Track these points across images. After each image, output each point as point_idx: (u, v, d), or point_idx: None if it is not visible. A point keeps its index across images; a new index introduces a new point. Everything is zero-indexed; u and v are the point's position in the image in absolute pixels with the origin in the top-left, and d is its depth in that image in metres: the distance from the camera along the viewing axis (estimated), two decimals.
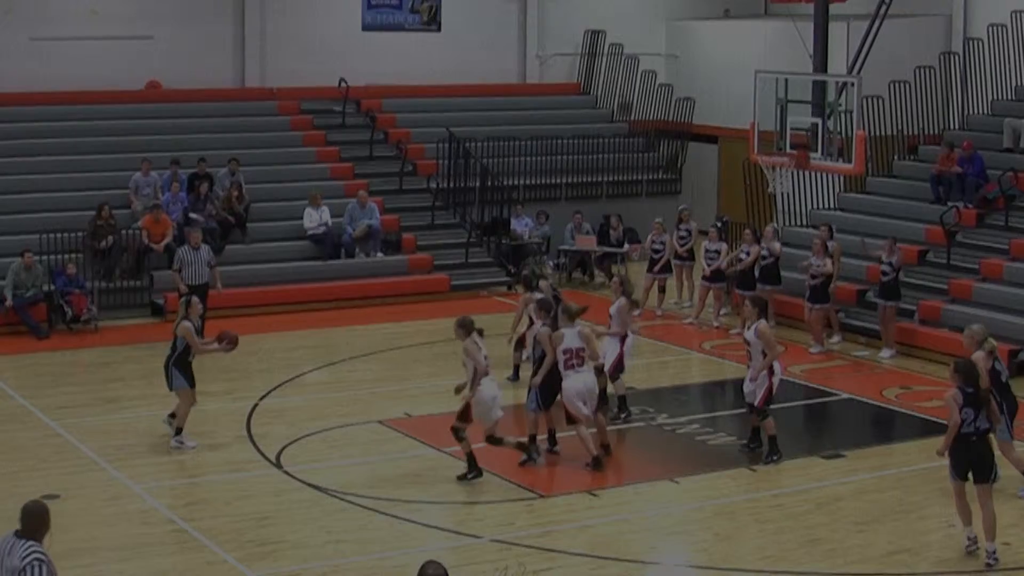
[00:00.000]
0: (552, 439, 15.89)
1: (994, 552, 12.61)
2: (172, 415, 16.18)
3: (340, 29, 29.23)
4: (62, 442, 16.34)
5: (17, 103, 26.25)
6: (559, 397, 15.48)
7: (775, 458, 15.54)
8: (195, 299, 16.40)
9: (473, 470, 14.86)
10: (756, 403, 15.55)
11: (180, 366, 15.88)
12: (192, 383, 15.93)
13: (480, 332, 14.69)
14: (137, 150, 25.46)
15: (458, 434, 14.81)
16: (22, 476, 15.08)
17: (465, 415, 14.75)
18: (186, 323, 15.87)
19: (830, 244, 21.53)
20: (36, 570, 8.51)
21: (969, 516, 12.90)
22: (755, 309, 15.74)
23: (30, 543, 8.62)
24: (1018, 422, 14.87)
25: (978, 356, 13.92)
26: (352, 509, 14.05)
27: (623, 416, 17.24)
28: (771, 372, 15.47)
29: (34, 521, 8.72)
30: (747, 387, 15.67)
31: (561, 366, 15.26)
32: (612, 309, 17.30)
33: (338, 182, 26.54)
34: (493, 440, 14.92)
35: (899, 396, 18.74)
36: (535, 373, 15.71)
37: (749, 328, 15.64)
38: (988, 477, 12.59)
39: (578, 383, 15.24)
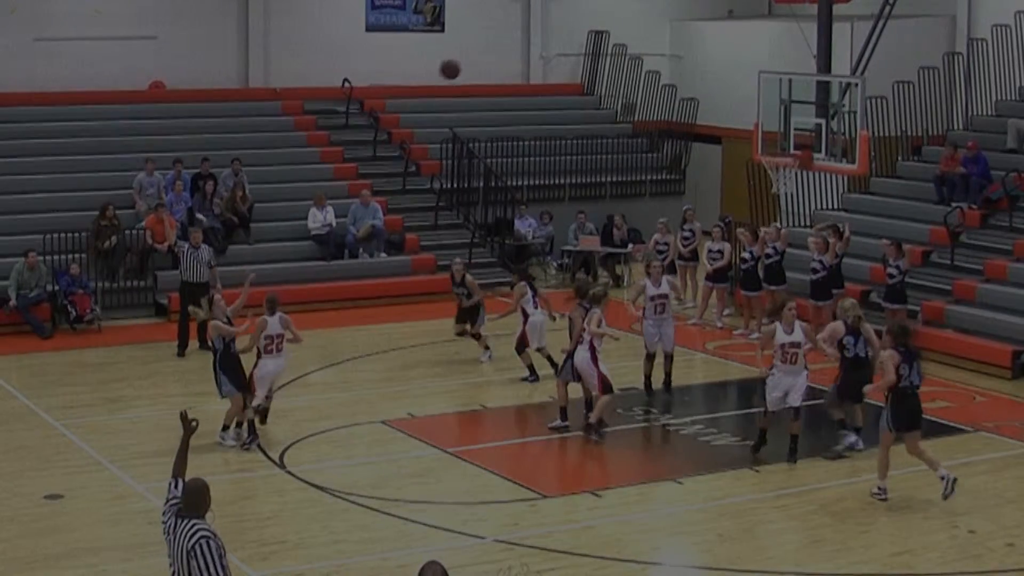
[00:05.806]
0: (564, 415, 16.70)
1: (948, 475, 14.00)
2: (239, 425, 16.19)
3: (344, 30, 29.23)
4: (65, 442, 16.35)
5: (21, 103, 26.25)
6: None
7: (794, 460, 15.55)
8: (217, 297, 16.66)
9: (251, 433, 16.03)
10: (797, 405, 15.41)
11: (226, 369, 15.92)
12: (240, 384, 15.96)
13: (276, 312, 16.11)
14: (141, 150, 25.45)
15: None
16: (25, 476, 15.10)
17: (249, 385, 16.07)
18: (214, 322, 16.07)
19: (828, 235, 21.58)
20: (206, 547, 8.41)
21: (886, 470, 14.18)
22: (791, 312, 15.53)
23: (194, 521, 8.52)
24: None
25: (835, 324, 15.61)
26: (355, 509, 14.05)
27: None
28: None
29: (196, 498, 8.63)
30: (778, 394, 15.47)
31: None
32: (664, 288, 18.37)
33: (341, 182, 26.54)
34: (261, 413, 16.30)
35: None
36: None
37: (791, 331, 15.37)
38: (920, 426, 14.10)
39: (575, 356, 16.42)
